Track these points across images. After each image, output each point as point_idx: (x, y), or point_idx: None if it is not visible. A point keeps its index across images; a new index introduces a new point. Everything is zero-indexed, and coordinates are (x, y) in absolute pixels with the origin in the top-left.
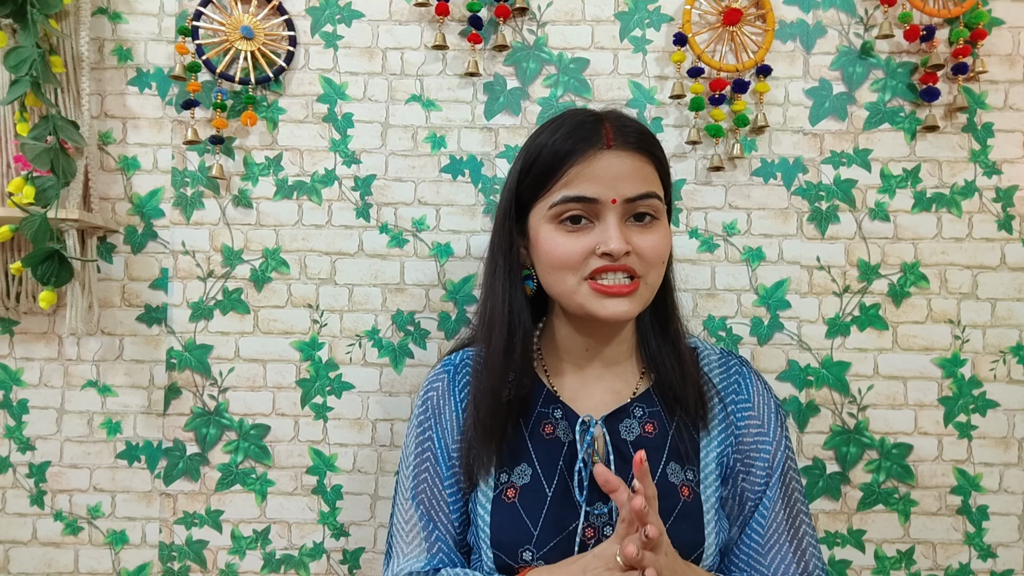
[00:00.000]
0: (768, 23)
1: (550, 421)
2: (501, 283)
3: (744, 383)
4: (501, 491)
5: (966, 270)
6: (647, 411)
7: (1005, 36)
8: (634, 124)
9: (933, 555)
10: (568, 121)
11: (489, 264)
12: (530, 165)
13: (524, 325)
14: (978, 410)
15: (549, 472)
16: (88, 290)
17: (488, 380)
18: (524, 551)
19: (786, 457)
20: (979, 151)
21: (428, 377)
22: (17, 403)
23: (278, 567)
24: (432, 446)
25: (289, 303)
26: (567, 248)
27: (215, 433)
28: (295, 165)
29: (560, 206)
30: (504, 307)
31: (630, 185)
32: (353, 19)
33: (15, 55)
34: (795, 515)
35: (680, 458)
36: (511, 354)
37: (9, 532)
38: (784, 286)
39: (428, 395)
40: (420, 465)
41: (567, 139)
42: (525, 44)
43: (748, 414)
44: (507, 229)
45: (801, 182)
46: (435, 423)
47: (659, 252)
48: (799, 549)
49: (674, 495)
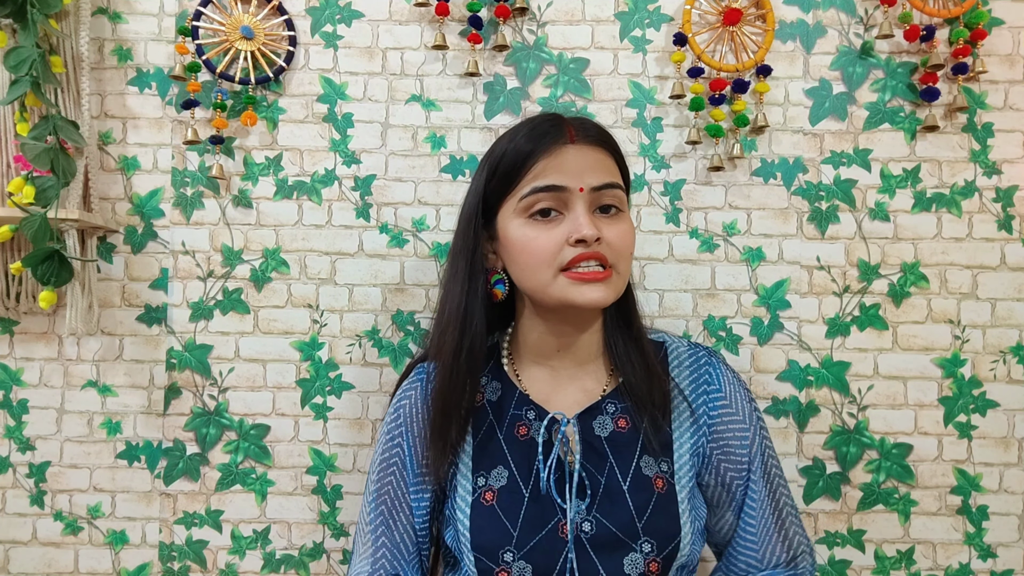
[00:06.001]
0: (768, 23)
1: (524, 423)
2: (460, 286)
3: (715, 373)
4: (479, 495)
5: (966, 270)
6: (619, 407)
7: (1005, 36)
8: (593, 123)
9: (933, 555)
10: (527, 124)
11: (449, 269)
12: (495, 168)
13: (475, 327)
14: (978, 410)
15: (525, 473)
16: (88, 290)
17: (439, 383)
18: (504, 552)
19: (762, 437)
20: (979, 151)
21: (403, 387)
22: (17, 403)
23: (278, 567)
24: (401, 452)
25: (289, 303)
26: (539, 241)
27: (215, 433)
28: (295, 165)
29: (530, 197)
30: (459, 310)
31: (595, 175)
32: (353, 19)
33: (15, 55)
34: (777, 498)
35: (653, 451)
36: (459, 356)
37: (9, 532)
38: (784, 286)
39: (401, 403)
40: (386, 471)
41: (530, 138)
42: (525, 44)
43: (721, 403)
44: (472, 232)
45: (801, 182)
46: (406, 430)
47: (626, 242)
48: (783, 529)
49: (649, 488)
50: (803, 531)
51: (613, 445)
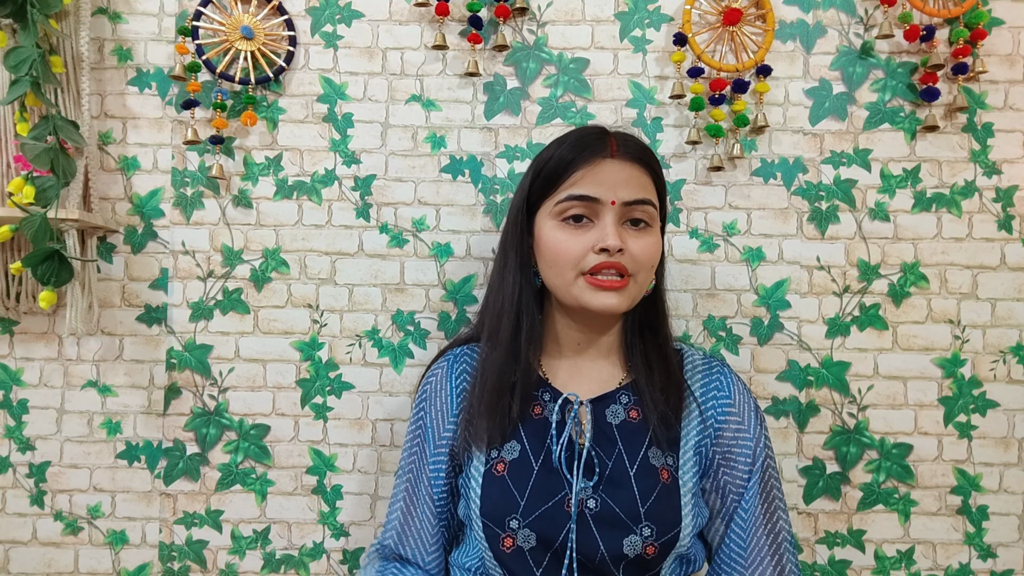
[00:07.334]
0: (768, 23)
1: (539, 403)
2: (512, 276)
3: (725, 381)
4: (491, 465)
5: (966, 270)
6: (632, 399)
7: (1005, 36)
8: (636, 140)
9: (933, 555)
10: (575, 134)
11: (500, 259)
12: (540, 171)
13: (532, 315)
14: (978, 410)
15: (536, 448)
16: (88, 290)
17: (496, 361)
18: (511, 519)
19: (766, 455)
20: (979, 151)
21: (431, 368)
22: (17, 403)
23: (278, 567)
24: (423, 425)
25: (289, 303)
26: (568, 244)
27: (215, 433)
28: (295, 165)
29: (565, 203)
30: (514, 297)
31: (628, 190)
32: (353, 19)
33: (15, 55)
34: (773, 512)
35: (661, 444)
36: (518, 339)
37: (9, 532)
38: (784, 286)
39: (429, 380)
40: (411, 445)
41: (574, 148)
42: (525, 44)
43: (729, 410)
44: (519, 227)
45: (801, 182)
46: (429, 406)
47: (649, 255)
48: (775, 544)
49: (655, 476)
50: (796, 558)
51: (623, 433)
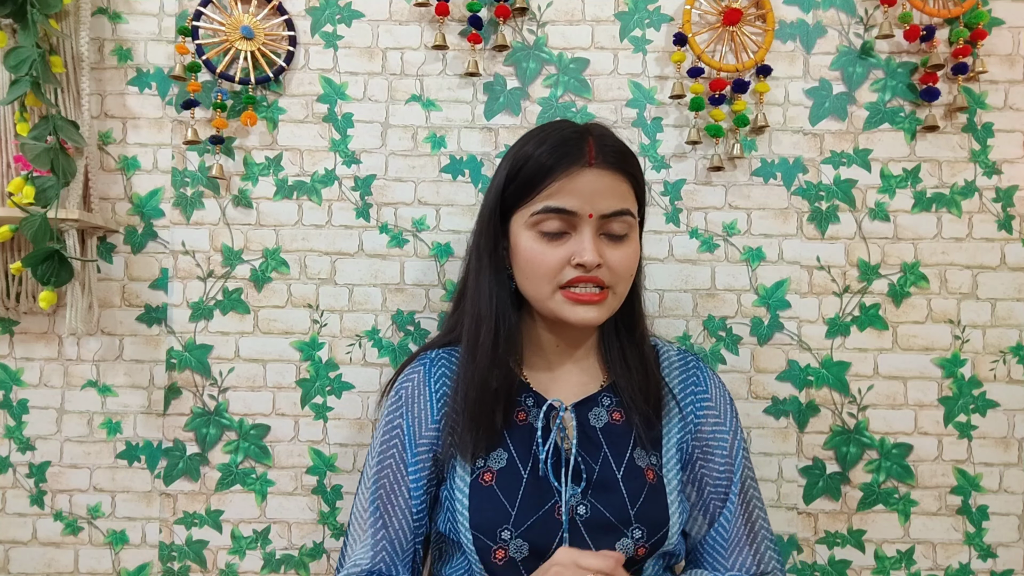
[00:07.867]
0: (768, 23)
1: (523, 409)
2: (487, 280)
3: (702, 376)
4: (478, 475)
5: (966, 270)
6: (614, 401)
7: (1005, 36)
8: (616, 144)
9: (933, 555)
10: (554, 134)
11: (474, 262)
12: (516, 173)
13: (510, 321)
14: (978, 410)
15: (524, 456)
16: (88, 290)
17: (477, 371)
18: (503, 530)
19: (742, 447)
20: (979, 151)
21: (404, 372)
22: (17, 403)
23: (278, 567)
24: (400, 434)
25: (289, 303)
26: (544, 257)
27: (215, 433)
28: (295, 165)
29: (541, 215)
30: (491, 303)
31: (607, 202)
32: (353, 19)
33: (15, 55)
34: (749, 500)
35: (644, 444)
36: (498, 347)
37: (9, 532)
38: (784, 286)
39: (403, 385)
40: (385, 452)
41: (552, 153)
42: (525, 44)
43: (707, 404)
44: (492, 229)
45: (801, 182)
46: (407, 411)
47: (628, 267)
48: (752, 532)
49: (641, 477)
50: (775, 548)
51: (608, 436)
